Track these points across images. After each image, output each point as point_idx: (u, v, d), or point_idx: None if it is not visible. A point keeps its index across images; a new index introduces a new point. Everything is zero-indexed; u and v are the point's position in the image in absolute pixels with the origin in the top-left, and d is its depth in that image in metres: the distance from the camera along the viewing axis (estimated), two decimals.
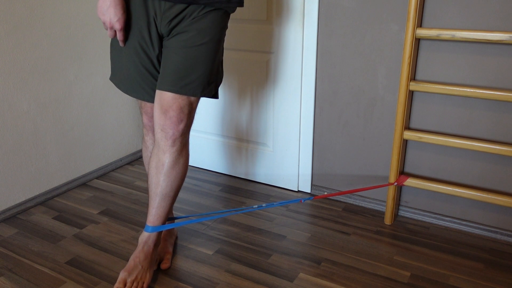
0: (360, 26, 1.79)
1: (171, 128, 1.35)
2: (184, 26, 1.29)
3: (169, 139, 1.36)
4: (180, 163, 1.41)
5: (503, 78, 1.61)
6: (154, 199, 1.44)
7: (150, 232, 1.46)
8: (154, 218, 1.45)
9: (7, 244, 1.71)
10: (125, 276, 1.41)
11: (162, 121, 1.34)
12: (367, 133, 1.91)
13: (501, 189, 1.72)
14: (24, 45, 1.83)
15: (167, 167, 1.39)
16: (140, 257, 1.45)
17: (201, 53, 1.31)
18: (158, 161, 1.40)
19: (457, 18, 1.61)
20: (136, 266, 1.44)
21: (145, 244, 1.46)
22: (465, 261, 1.63)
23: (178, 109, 1.33)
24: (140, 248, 1.46)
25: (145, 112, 1.48)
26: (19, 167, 1.90)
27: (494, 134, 1.68)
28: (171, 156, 1.38)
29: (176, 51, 1.31)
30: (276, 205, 1.58)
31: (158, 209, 1.44)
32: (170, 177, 1.41)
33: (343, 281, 1.52)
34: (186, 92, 1.33)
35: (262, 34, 1.99)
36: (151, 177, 1.43)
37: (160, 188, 1.42)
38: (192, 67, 1.31)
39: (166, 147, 1.37)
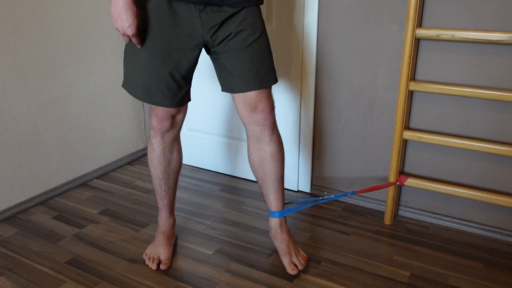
0: (360, 26, 1.79)
1: (267, 119, 1.45)
2: (234, 27, 1.33)
3: (268, 129, 1.47)
4: (281, 145, 1.52)
5: (502, 78, 1.61)
6: (272, 186, 1.54)
7: (279, 217, 1.58)
8: (277, 203, 1.57)
9: (7, 244, 1.72)
10: (289, 258, 1.55)
11: (256, 117, 1.44)
12: (367, 133, 1.91)
13: (501, 189, 1.73)
14: (24, 45, 1.83)
15: (275, 153, 1.50)
16: (286, 238, 1.58)
17: (262, 45, 1.39)
18: (263, 153, 1.49)
19: (457, 18, 1.62)
20: (289, 246, 1.56)
21: (281, 227, 1.58)
22: (465, 261, 1.63)
23: (267, 100, 1.43)
24: (279, 232, 1.58)
25: (155, 115, 1.47)
26: (19, 167, 1.91)
27: (494, 134, 1.68)
28: (274, 143, 1.49)
29: (239, 52, 1.36)
30: (333, 198, 1.72)
31: (278, 193, 1.56)
32: (280, 161, 1.52)
33: (343, 281, 1.52)
34: (267, 84, 1.42)
35: None
36: (262, 169, 1.52)
37: (275, 175, 1.53)
38: (260, 61, 1.39)
39: (267, 138, 1.48)
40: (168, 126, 1.47)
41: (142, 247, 1.70)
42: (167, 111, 1.43)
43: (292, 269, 1.53)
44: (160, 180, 1.57)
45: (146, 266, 1.59)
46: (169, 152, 1.53)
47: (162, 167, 1.54)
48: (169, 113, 1.44)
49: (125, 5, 1.23)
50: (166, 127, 1.47)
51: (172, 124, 1.47)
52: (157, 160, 1.53)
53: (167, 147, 1.52)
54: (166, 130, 1.48)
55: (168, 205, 1.64)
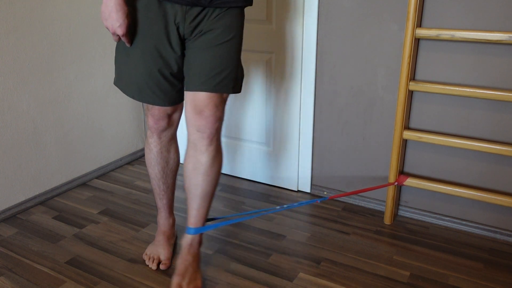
0: (360, 26, 1.79)
1: (208, 128, 1.35)
2: (209, 24, 1.29)
3: (206, 138, 1.36)
4: (217, 161, 1.42)
5: (502, 78, 1.61)
6: (195, 200, 1.44)
7: (194, 234, 1.47)
8: (196, 219, 1.46)
9: (7, 244, 1.72)
10: (179, 280, 1.43)
11: (198, 122, 1.34)
12: (367, 133, 1.91)
13: (501, 189, 1.73)
14: (24, 45, 1.83)
15: (206, 166, 1.39)
16: (188, 259, 1.46)
17: (229, 50, 1.32)
18: (196, 162, 1.39)
19: (457, 18, 1.62)
20: (187, 269, 1.45)
21: (190, 247, 1.47)
22: (465, 261, 1.63)
23: (214, 108, 1.34)
24: (186, 251, 1.46)
25: (151, 115, 1.47)
26: (19, 167, 1.91)
27: (494, 134, 1.68)
28: (209, 156, 1.38)
29: (204, 50, 1.31)
30: (296, 206, 1.59)
31: (199, 210, 1.45)
32: (210, 176, 1.41)
33: (342, 281, 1.52)
34: (220, 90, 1.33)
35: (262, 34, 2.00)
36: (190, 179, 1.42)
37: (200, 189, 1.42)
38: (222, 65, 1.32)
39: (203, 147, 1.37)
40: (164, 126, 1.47)
41: (142, 247, 1.70)
42: (163, 110, 1.43)
43: None
44: (158, 179, 1.57)
45: (146, 266, 1.59)
46: (166, 152, 1.53)
47: (160, 167, 1.54)
48: (165, 112, 1.44)
49: (116, 5, 1.22)
50: (163, 126, 1.47)
51: (168, 124, 1.47)
52: (155, 160, 1.53)
53: (164, 146, 1.51)
54: (163, 130, 1.48)
55: (167, 205, 1.64)
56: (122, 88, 1.42)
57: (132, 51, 1.34)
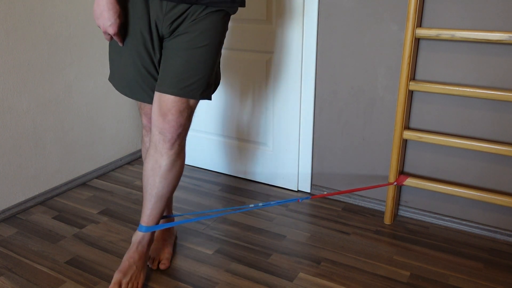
0: (360, 26, 1.79)
1: (169, 132, 1.34)
2: (186, 27, 1.28)
3: (167, 142, 1.35)
4: (177, 166, 1.40)
5: (503, 78, 1.61)
6: (149, 200, 1.43)
7: (144, 232, 1.46)
8: (148, 218, 1.45)
9: (7, 243, 1.72)
10: (120, 277, 1.41)
11: (161, 124, 1.33)
12: (367, 133, 1.91)
13: (501, 189, 1.72)
14: (24, 45, 1.83)
15: (164, 169, 1.38)
16: (134, 257, 1.45)
17: (202, 56, 1.30)
18: (155, 163, 1.38)
19: (457, 18, 1.61)
20: (131, 266, 1.43)
21: (139, 244, 1.46)
22: (465, 261, 1.63)
23: (177, 113, 1.32)
24: (134, 248, 1.46)
25: (144, 114, 1.48)
26: (19, 167, 1.91)
27: (494, 134, 1.68)
28: (168, 159, 1.37)
29: (177, 52, 1.30)
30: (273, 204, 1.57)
31: (153, 210, 1.44)
32: (167, 179, 1.40)
33: (342, 281, 1.52)
34: (186, 95, 1.31)
35: (262, 34, 2.00)
36: (147, 178, 1.42)
37: (156, 190, 1.41)
38: (193, 70, 1.30)
39: (164, 150, 1.36)
40: None
41: None
42: None
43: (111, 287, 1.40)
44: None
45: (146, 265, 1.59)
46: None
47: None
48: None
49: (108, 4, 1.23)
50: None
51: None
52: None
53: None
54: None
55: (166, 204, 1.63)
56: (114, 84, 1.43)
57: (122, 48, 1.35)
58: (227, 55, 2.12)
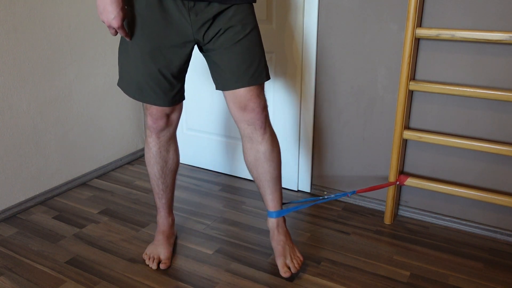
0: (360, 26, 1.79)
1: (258, 119, 1.41)
2: (224, 23, 1.31)
3: (260, 129, 1.43)
4: (276, 144, 1.49)
5: (503, 78, 1.61)
6: (267, 186, 1.51)
7: (276, 217, 1.54)
8: (274, 203, 1.54)
9: (7, 243, 1.72)
10: (283, 260, 1.52)
11: (247, 116, 1.40)
12: (367, 132, 1.91)
13: (501, 189, 1.72)
14: (24, 45, 1.83)
15: (268, 153, 1.46)
16: (282, 240, 1.54)
17: (252, 41, 1.36)
18: (256, 153, 1.46)
19: (457, 17, 1.62)
20: (284, 248, 1.54)
21: (277, 227, 1.55)
22: (465, 261, 1.63)
23: (257, 99, 1.39)
24: (276, 233, 1.55)
25: (150, 114, 1.47)
26: (19, 167, 1.91)
27: (494, 134, 1.68)
28: (267, 143, 1.45)
29: (228, 49, 1.33)
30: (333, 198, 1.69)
31: (275, 194, 1.53)
32: (274, 161, 1.49)
33: (343, 281, 1.52)
34: (257, 81, 1.38)
35: (262, 34, 2.00)
36: (256, 170, 1.49)
37: (270, 175, 1.49)
38: (251, 57, 1.36)
39: (259, 138, 1.44)
40: (163, 125, 1.47)
41: (142, 246, 1.70)
42: (161, 110, 1.43)
43: (285, 272, 1.51)
44: (157, 179, 1.57)
45: (146, 265, 1.59)
46: (165, 151, 1.53)
47: (159, 166, 1.55)
48: (163, 112, 1.44)
49: None
50: (161, 126, 1.47)
51: (167, 123, 1.48)
52: (154, 159, 1.53)
53: (163, 146, 1.52)
54: (161, 129, 1.48)
55: (167, 205, 1.64)
56: (123, 88, 1.43)
57: (132, 51, 1.35)
58: None
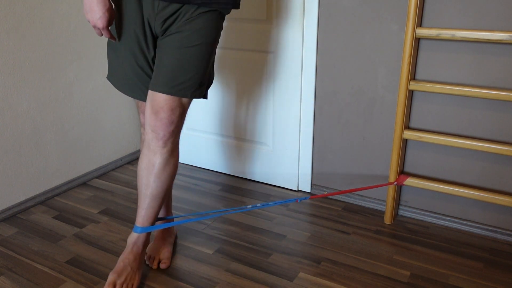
0: (360, 26, 1.79)
1: (162, 130, 1.34)
2: (178, 26, 1.28)
3: (160, 140, 1.35)
4: (170, 164, 1.40)
5: (503, 78, 1.61)
6: (144, 200, 1.42)
7: (139, 233, 1.45)
8: (143, 219, 1.44)
9: (7, 243, 1.72)
10: (115, 278, 1.40)
11: (153, 122, 1.34)
12: (367, 132, 1.91)
13: (501, 189, 1.72)
14: (24, 45, 1.83)
15: (158, 168, 1.38)
16: (129, 258, 1.44)
17: (195, 55, 1.30)
18: (148, 162, 1.38)
19: (457, 17, 1.61)
20: (126, 267, 1.42)
21: (134, 245, 1.45)
22: (465, 261, 1.63)
23: (169, 111, 1.32)
24: (129, 249, 1.45)
25: (142, 112, 1.48)
26: (19, 167, 1.91)
27: (494, 134, 1.68)
28: (161, 157, 1.37)
29: (169, 51, 1.30)
30: (272, 205, 1.57)
31: (147, 210, 1.43)
32: (161, 178, 1.40)
33: (343, 281, 1.52)
34: (177, 93, 1.31)
35: (262, 34, 2.00)
36: (141, 178, 1.41)
37: (151, 190, 1.41)
38: (185, 68, 1.30)
39: (157, 148, 1.36)
40: None
41: None
42: None
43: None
44: None
45: (146, 265, 1.59)
46: None
47: None
48: None
49: None
50: None
51: None
52: None
53: None
54: None
55: (165, 204, 1.64)
56: (113, 82, 1.44)
57: (118, 47, 1.36)
58: (227, 55, 2.12)
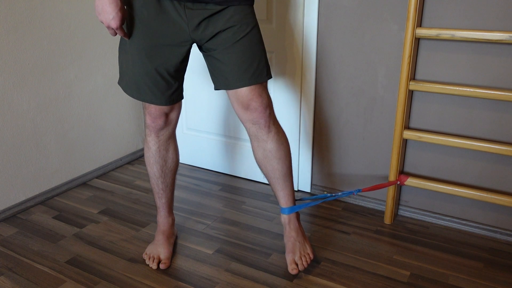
0: (360, 26, 1.79)
1: (261, 118, 1.41)
2: (223, 23, 1.31)
3: (264, 127, 1.43)
4: (282, 141, 1.48)
5: (503, 78, 1.61)
6: (277, 183, 1.52)
7: (288, 214, 1.55)
8: (285, 199, 1.54)
9: (7, 243, 1.72)
10: (292, 257, 1.52)
11: (250, 116, 1.40)
12: (367, 132, 1.91)
13: (501, 189, 1.72)
14: (24, 45, 1.83)
15: (275, 151, 1.46)
16: (292, 235, 1.54)
17: (252, 40, 1.36)
18: (264, 151, 1.47)
19: (457, 17, 1.61)
20: (294, 244, 1.54)
21: (289, 223, 1.55)
22: (465, 261, 1.63)
23: (259, 98, 1.39)
24: (288, 228, 1.55)
25: (149, 113, 1.48)
26: (19, 167, 1.91)
27: (494, 134, 1.68)
28: (273, 141, 1.45)
29: (228, 48, 1.33)
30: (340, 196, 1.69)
31: (285, 190, 1.53)
32: (282, 158, 1.48)
33: (343, 281, 1.52)
34: (257, 80, 1.37)
35: (262, 34, 1.99)
36: (264, 167, 1.50)
37: (279, 172, 1.50)
38: (251, 56, 1.36)
39: (265, 136, 1.44)
40: (162, 124, 1.48)
41: (142, 246, 1.70)
42: (159, 109, 1.44)
43: (292, 269, 1.51)
44: (157, 178, 1.57)
45: (146, 265, 1.59)
46: (164, 150, 1.53)
47: (159, 166, 1.55)
48: (162, 111, 1.44)
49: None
50: (160, 125, 1.47)
51: (166, 122, 1.48)
52: (153, 158, 1.53)
53: (163, 145, 1.52)
54: (160, 128, 1.49)
55: (166, 204, 1.64)
56: (123, 87, 1.44)
57: (130, 49, 1.36)
58: None
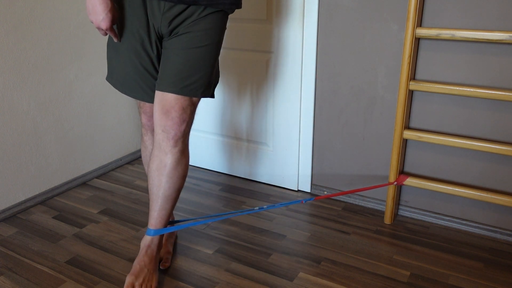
0: (360, 26, 1.79)
1: (173, 129, 1.34)
2: (186, 27, 1.29)
3: (171, 139, 1.35)
4: (182, 164, 1.40)
5: (503, 78, 1.61)
6: (156, 201, 1.42)
7: (153, 236, 1.45)
8: (156, 221, 1.44)
9: (7, 243, 1.72)
10: (133, 280, 1.41)
11: (164, 122, 1.33)
12: (367, 132, 1.91)
13: (501, 189, 1.72)
14: (24, 45, 1.83)
15: (170, 168, 1.38)
16: (145, 260, 1.44)
17: (203, 55, 1.31)
18: (159, 163, 1.38)
19: (457, 17, 1.61)
20: (142, 269, 1.43)
21: (148, 247, 1.45)
22: (465, 261, 1.63)
23: (181, 110, 1.33)
24: (143, 252, 1.45)
25: (143, 112, 1.48)
26: (19, 167, 1.91)
27: (494, 134, 1.68)
28: (173, 157, 1.37)
29: (177, 52, 1.30)
30: (278, 206, 1.57)
31: (160, 212, 1.43)
32: (173, 178, 1.39)
33: (343, 281, 1.52)
34: (188, 93, 1.32)
35: (262, 34, 2.00)
36: (152, 179, 1.41)
37: (163, 190, 1.40)
38: (194, 69, 1.31)
39: (168, 148, 1.36)
40: None
41: None
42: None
43: None
44: None
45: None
46: None
47: None
48: None
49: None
50: None
51: None
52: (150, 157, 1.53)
53: None
54: None
55: None
56: (113, 83, 1.43)
57: (120, 47, 1.36)
58: (227, 55, 2.12)
